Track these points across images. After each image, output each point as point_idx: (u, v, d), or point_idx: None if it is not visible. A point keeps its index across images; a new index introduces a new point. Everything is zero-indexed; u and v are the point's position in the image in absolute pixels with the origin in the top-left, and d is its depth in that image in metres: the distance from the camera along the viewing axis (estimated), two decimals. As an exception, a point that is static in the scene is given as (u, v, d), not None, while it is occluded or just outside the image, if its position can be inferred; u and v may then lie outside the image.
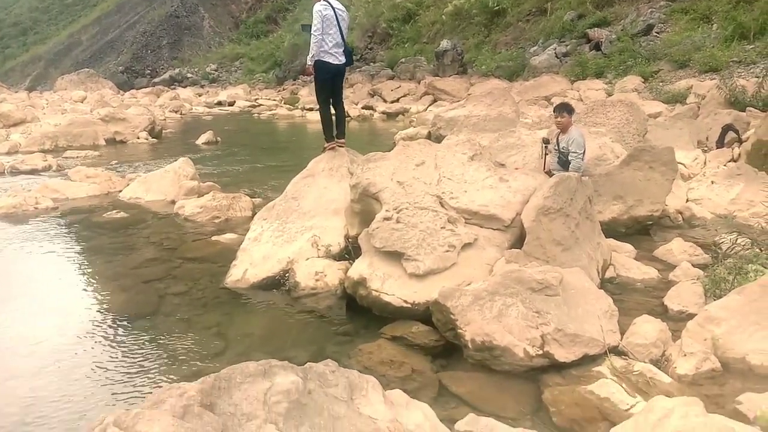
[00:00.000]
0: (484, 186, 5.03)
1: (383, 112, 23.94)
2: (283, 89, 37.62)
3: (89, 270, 6.00)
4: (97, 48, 58.53)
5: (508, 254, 4.50)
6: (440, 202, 4.85)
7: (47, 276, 5.87)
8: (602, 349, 3.72)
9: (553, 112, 6.78)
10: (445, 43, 27.38)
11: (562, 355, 3.62)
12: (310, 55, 6.40)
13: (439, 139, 7.05)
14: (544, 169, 6.45)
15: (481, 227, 4.79)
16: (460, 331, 3.80)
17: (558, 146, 6.38)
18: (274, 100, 33.04)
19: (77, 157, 13.66)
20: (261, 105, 30.96)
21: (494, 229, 4.82)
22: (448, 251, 4.47)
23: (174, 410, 1.79)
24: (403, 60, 30.50)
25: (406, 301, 4.34)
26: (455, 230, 4.61)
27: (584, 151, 6.25)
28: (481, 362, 3.73)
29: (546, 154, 6.57)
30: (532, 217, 4.58)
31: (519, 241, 4.77)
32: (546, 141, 6.57)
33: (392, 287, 4.44)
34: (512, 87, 20.35)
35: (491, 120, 11.13)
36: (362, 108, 24.84)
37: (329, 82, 6.69)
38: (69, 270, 6.04)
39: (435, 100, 23.52)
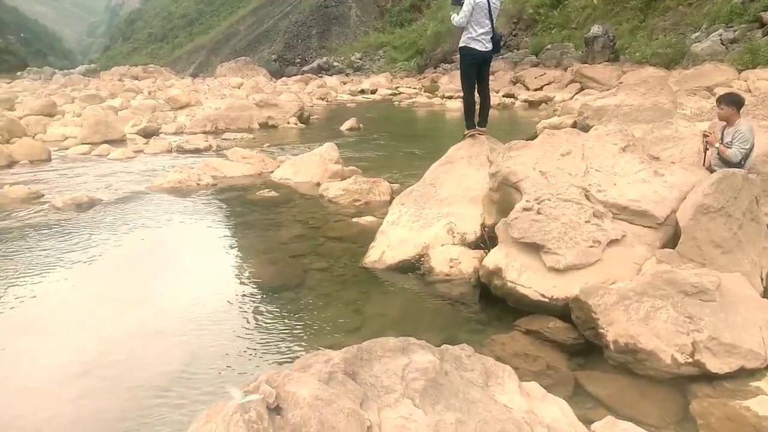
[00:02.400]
0: (636, 179, 4.73)
1: (525, 101, 23.31)
2: (424, 77, 37.90)
3: (243, 243, 6.50)
4: (252, 37, 62.79)
5: (660, 254, 4.20)
6: (586, 195, 4.64)
7: (206, 245, 6.45)
8: (763, 363, 3.38)
9: (717, 103, 6.17)
10: (596, 29, 25.99)
11: (716, 365, 3.34)
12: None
13: (585, 129, 6.71)
14: (704, 164, 5.91)
15: (631, 223, 4.51)
16: (601, 330, 3.63)
17: (722, 140, 5.82)
18: (415, 88, 33.41)
19: (234, 139, 14.79)
20: (401, 93, 31.46)
21: (645, 226, 4.52)
22: (592, 246, 4.28)
23: (320, 375, 1.91)
24: (549, 46, 29.44)
25: (543, 295, 4.22)
26: (601, 225, 4.39)
27: (751, 147, 5.64)
28: (623, 365, 3.54)
29: (707, 148, 6.02)
30: (689, 216, 4.23)
31: (672, 241, 4.43)
32: (707, 134, 6.01)
33: (529, 280, 4.34)
34: (669, 76, 18.84)
35: (645, 110, 10.39)
36: (503, 96, 24.35)
37: (474, 69, 6.64)
38: (225, 241, 6.60)
39: (582, 89, 22.45)
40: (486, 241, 5.33)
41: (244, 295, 4.97)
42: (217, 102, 19.22)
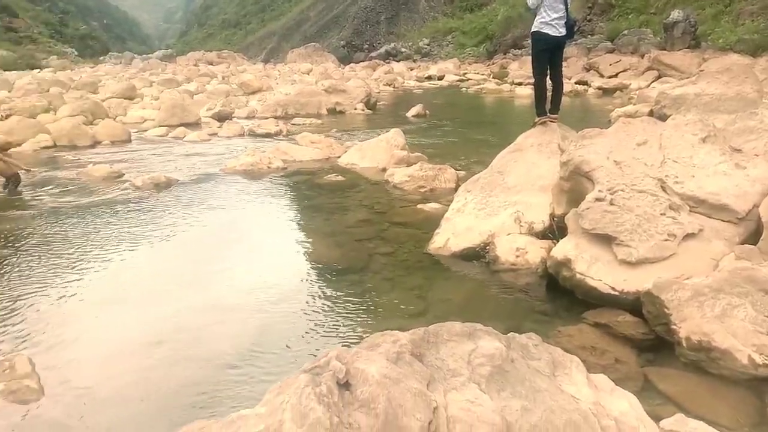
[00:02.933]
0: (717, 172, 4.52)
1: (599, 88, 22.56)
2: (493, 63, 37.27)
3: (310, 225, 6.64)
4: (322, 23, 63.44)
5: (739, 250, 4.01)
6: (662, 186, 4.47)
7: (275, 227, 6.64)
8: None
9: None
10: (676, 14, 24.78)
11: (799, 369, 3.17)
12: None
13: (662, 118, 6.43)
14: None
15: (709, 217, 4.32)
16: (673, 326, 3.52)
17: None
18: (483, 74, 32.94)
19: (303, 124, 15.07)
20: (469, 79, 31.09)
21: (724, 221, 4.32)
22: (667, 240, 4.13)
23: (388, 354, 1.95)
24: (625, 32, 28.33)
25: (614, 288, 4.12)
26: (677, 218, 4.23)
27: None
28: (695, 363, 3.42)
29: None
30: (774, 211, 4.02)
31: (753, 237, 4.22)
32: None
33: (599, 272, 4.24)
34: (756, 64, 17.74)
35: (727, 100, 9.82)
36: (576, 83, 23.65)
37: (547, 55, 6.48)
38: (293, 223, 6.77)
39: (659, 77, 21.51)
40: (555, 231, 5.23)
41: (310, 276, 5.10)
42: (287, 87, 19.61)
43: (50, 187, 8.41)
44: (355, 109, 17.89)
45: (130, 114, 16.22)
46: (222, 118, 15.51)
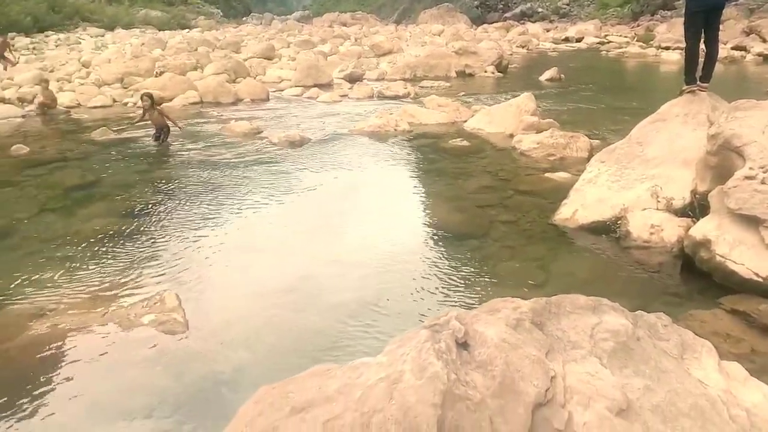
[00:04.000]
0: None
1: (759, 54, 20.27)
2: (638, 25, 34.65)
3: (432, 189, 6.69)
4: (456, -17, 61.96)
5: None
6: (827, 166, 4.00)
7: (399, 188, 6.78)
8: None
9: None
10: None
11: None
12: None
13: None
14: None
15: None
16: (827, 321, 3.19)
17: None
18: (626, 37, 30.75)
19: (431, 86, 15.03)
20: (610, 42, 29.18)
21: None
22: (827, 226, 3.72)
23: (507, 320, 1.97)
24: (798, -9, 24.98)
25: (757, 274, 3.80)
26: (843, 202, 3.78)
27: None
28: None
29: None
30: None
31: None
32: None
33: (742, 256, 3.92)
34: None
35: None
36: (732, 48, 21.43)
37: (702, 18, 5.90)
38: (416, 186, 6.86)
39: (837, 42, 18.88)
40: (695, 209, 4.88)
41: (430, 239, 5.18)
42: (417, 49, 19.56)
43: (196, 140, 9.13)
44: (485, 72, 17.49)
45: (269, 73, 17.04)
46: (353, 79, 15.86)
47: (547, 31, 36.91)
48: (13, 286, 4.33)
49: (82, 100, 12.86)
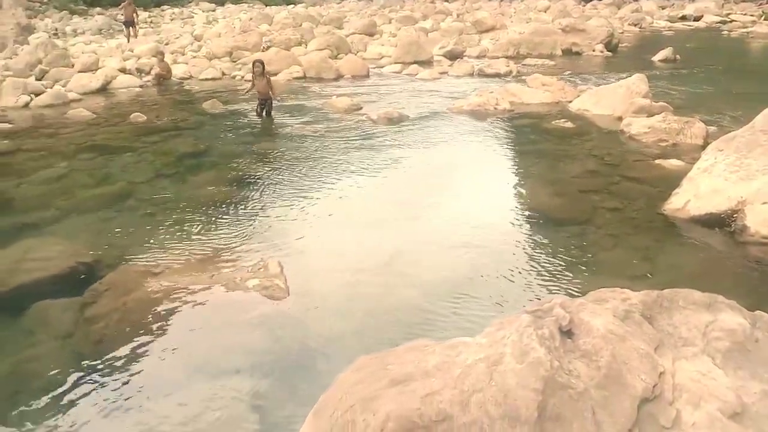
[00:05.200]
0: None
1: None
2: (766, 2, 31.67)
3: (533, 171, 6.52)
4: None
5: None
6: None
7: (497, 168, 6.66)
8: None
9: None
10: None
11: None
12: None
13: None
14: None
15: None
16: None
17: None
18: (752, 15, 28.19)
19: (535, 65, 14.54)
20: (734, 21, 26.87)
21: None
22: None
23: (615, 311, 1.91)
24: None
25: None
26: None
27: None
28: None
29: None
30: None
31: None
32: None
33: None
34: None
35: None
36: None
37: None
38: (515, 167, 6.72)
39: None
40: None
41: (528, 222, 5.08)
42: (521, 26, 18.97)
43: (299, 114, 9.40)
44: (593, 50, 16.68)
45: (370, 50, 17.15)
46: (453, 56, 15.64)
47: (663, 8, 34.46)
48: (132, 245, 4.70)
49: (194, 72, 13.57)
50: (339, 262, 4.40)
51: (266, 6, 37.89)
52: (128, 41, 17.95)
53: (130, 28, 18.69)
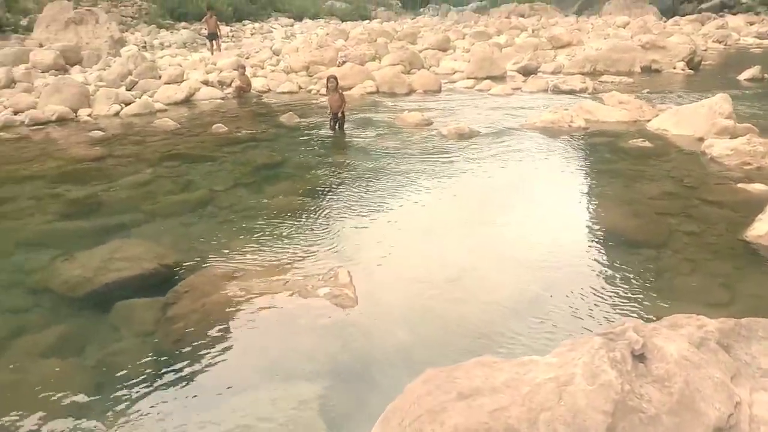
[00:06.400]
0: None
1: None
2: None
3: (607, 191, 6.39)
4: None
5: None
6: None
7: (570, 187, 6.56)
8: None
9: None
10: None
11: None
12: None
13: None
14: None
15: None
16: None
17: None
18: None
19: (612, 82, 14.21)
20: (832, 37, 25.27)
21: None
22: None
23: (691, 337, 1.88)
24: None
25: None
26: None
27: None
28: None
29: None
30: None
31: None
32: None
33: None
34: None
35: None
36: None
37: None
38: (589, 186, 6.59)
39: None
40: None
41: (602, 242, 4.98)
42: (599, 42, 18.54)
43: (371, 129, 9.58)
44: (674, 68, 16.12)
45: (442, 65, 17.25)
46: (527, 72, 15.50)
47: (751, 24, 32.82)
48: (210, 250, 4.95)
49: (272, 86, 14.08)
50: (407, 274, 4.47)
51: (342, 21, 38.86)
52: (212, 54, 18.80)
53: (214, 41, 19.57)
